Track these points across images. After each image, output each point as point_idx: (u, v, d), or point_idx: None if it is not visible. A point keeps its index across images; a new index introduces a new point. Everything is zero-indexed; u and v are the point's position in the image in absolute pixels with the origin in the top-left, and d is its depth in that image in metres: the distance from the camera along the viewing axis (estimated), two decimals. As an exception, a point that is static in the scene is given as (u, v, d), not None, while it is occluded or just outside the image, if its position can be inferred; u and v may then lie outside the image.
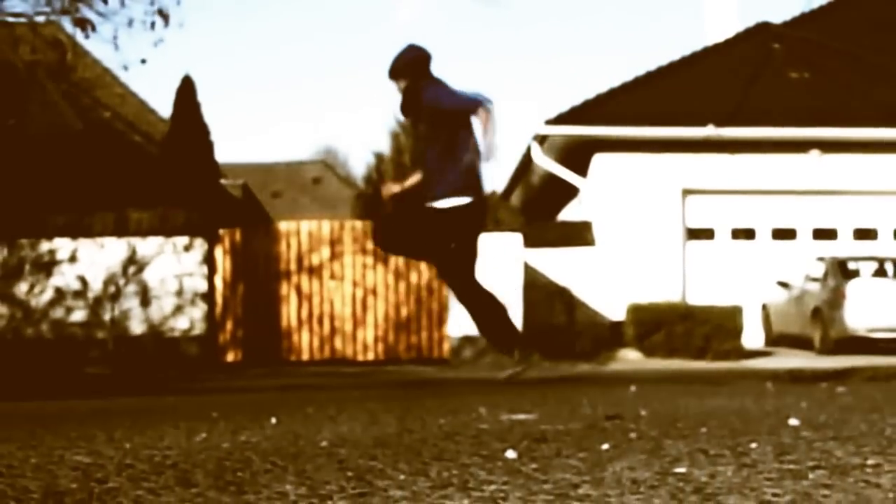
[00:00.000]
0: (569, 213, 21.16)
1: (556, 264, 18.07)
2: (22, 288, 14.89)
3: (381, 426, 4.04)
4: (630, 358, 16.02)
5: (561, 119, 19.22)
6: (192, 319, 14.90)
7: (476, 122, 7.41)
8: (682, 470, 2.66)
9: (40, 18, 15.86)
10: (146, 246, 14.93)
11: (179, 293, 14.91)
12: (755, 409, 4.61)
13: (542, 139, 19.63)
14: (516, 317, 14.93)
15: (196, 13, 60.60)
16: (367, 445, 3.35)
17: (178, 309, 14.91)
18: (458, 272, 7.52)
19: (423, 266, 15.12)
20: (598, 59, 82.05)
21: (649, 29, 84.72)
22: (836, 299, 16.58)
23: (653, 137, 19.00)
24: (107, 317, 14.87)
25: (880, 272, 17.79)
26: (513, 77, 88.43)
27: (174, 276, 14.92)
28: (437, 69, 7.61)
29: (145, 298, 14.90)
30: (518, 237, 15.21)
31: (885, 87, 20.11)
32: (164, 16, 15.19)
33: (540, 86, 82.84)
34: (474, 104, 7.37)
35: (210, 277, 14.98)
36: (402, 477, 2.64)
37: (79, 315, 14.91)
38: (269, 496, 2.38)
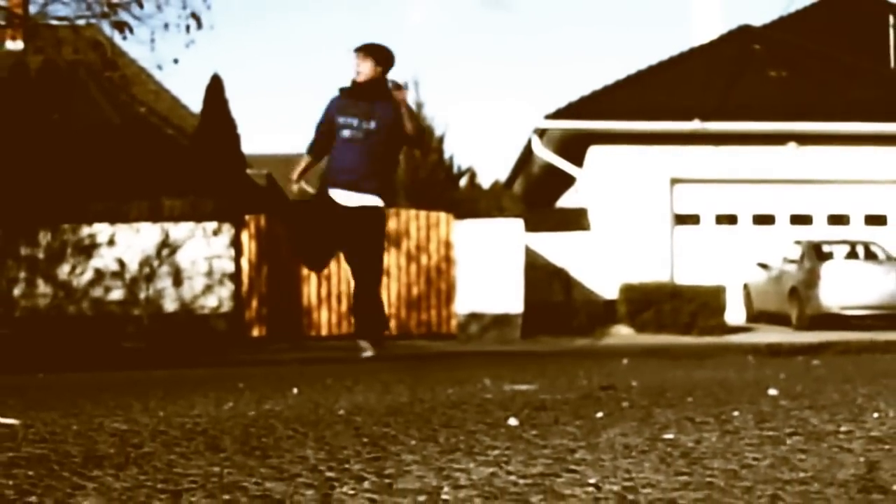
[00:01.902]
0: (566, 201, 21.13)
1: (555, 247, 18.06)
2: (64, 269, 14.91)
3: (393, 396, 4.04)
4: (622, 333, 16.01)
5: (559, 114, 19.17)
6: (220, 298, 14.91)
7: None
8: (670, 436, 2.66)
9: (81, 21, 15.87)
10: (178, 231, 14.94)
11: (209, 274, 14.91)
12: (737, 380, 4.60)
13: (541, 132, 19.59)
14: (518, 295, 15.00)
15: (223, 16, 60.49)
16: (381, 413, 3.35)
17: (208, 288, 14.92)
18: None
19: (433, 249, 15.11)
20: (594, 58, 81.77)
21: (638, 32, 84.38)
22: (811, 279, 16.55)
23: (643, 131, 18.95)
24: (142, 296, 14.89)
25: (852, 255, 17.79)
26: (513, 75, 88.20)
27: (204, 258, 14.92)
28: (443, 68, 7.56)
29: (177, 279, 14.92)
30: (520, 222, 15.20)
31: (857, 85, 20.04)
32: (197, 19, 15.19)
33: (538, 84, 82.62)
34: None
35: (237, 259, 14.98)
36: (413, 442, 2.63)
37: (116, 294, 14.92)
38: (292, 460, 2.38)
